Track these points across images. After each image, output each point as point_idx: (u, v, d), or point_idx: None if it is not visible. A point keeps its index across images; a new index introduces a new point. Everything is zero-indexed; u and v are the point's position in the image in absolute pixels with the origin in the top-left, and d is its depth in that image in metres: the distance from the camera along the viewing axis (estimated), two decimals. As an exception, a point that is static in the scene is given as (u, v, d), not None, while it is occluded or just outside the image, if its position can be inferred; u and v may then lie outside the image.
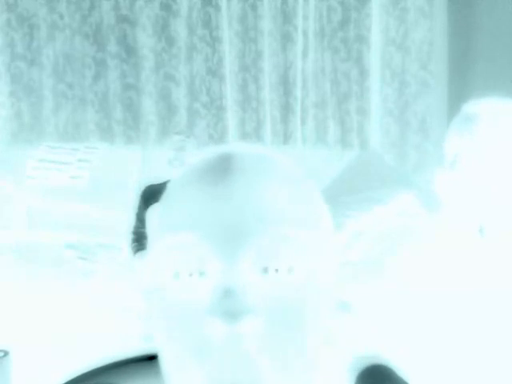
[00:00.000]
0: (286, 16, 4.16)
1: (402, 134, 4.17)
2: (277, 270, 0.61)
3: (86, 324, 2.82)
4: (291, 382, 0.62)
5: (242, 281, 0.59)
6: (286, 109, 4.20)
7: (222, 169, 0.64)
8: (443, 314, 1.49)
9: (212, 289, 0.59)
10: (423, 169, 3.95)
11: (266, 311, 0.60)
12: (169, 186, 0.70)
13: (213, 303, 0.58)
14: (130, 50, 4.22)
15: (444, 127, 4.09)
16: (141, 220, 2.99)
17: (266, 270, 0.61)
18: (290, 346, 0.61)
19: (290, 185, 0.65)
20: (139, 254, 2.94)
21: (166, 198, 0.69)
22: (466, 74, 3.96)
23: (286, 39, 4.17)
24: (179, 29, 4.19)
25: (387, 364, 0.81)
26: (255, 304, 0.59)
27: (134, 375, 0.80)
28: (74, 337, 2.75)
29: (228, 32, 4.17)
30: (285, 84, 4.19)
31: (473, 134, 1.48)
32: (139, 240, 2.97)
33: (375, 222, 3.30)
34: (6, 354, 2.33)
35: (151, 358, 0.69)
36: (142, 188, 3.06)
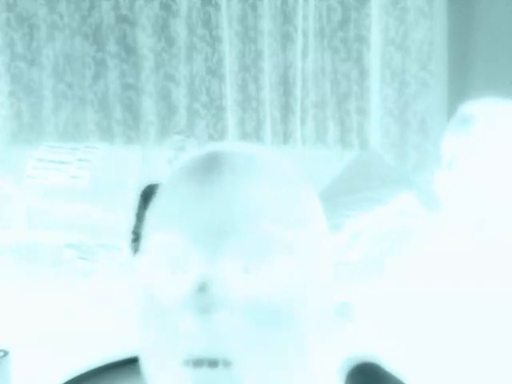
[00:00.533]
0: (285, 16, 4.16)
1: (402, 134, 4.16)
2: (259, 269, 0.61)
3: (86, 324, 2.82)
4: (278, 382, 0.61)
5: (221, 277, 0.60)
6: (286, 109, 4.19)
7: (209, 168, 0.64)
8: (443, 314, 1.49)
9: (189, 285, 0.60)
10: (423, 169, 3.95)
11: (248, 309, 0.60)
12: (161, 185, 0.71)
13: (187, 296, 0.59)
14: (129, 50, 4.22)
15: (444, 127, 4.09)
16: (141, 220, 2.98)
17: (247, 268, 0.61)
18: (276, 345, 0.61)
19: (279, 185, 0.65)
20: (139, 253, 2.94)
21: (157, 197, 0.70)
22: (466, 74, 3.96)
23: (286, 39, 4.17)
24: (179, 29, 4.19)
25: (378, 361, 0.81)
26: (233, 300, 0.59)
27: (128, 377, 0.80)
28: (74, 337, 2.75)
29: (228, 32, 4.17)
30: (285, 84, 4.19)
31: (469, 135, 1.49)
32: (139, 240, 2.97)
33: (375, 222, 3.30)
34: (5, 354, 2.33)
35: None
36: (142, 188, 3.06)
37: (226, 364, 0.59)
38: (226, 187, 0.63)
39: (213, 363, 0.59)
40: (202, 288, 0.59)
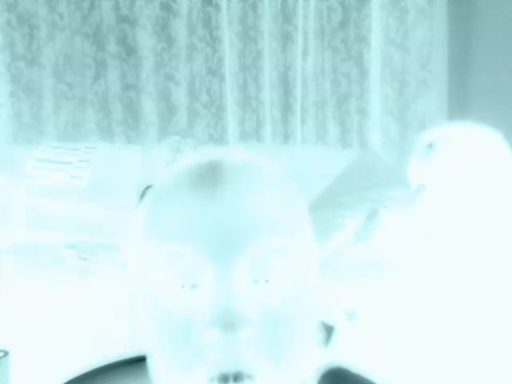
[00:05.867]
0: (285, 16, 4.16)
1: (402, 134, 4.16)
2: (267, 280, 0.63)
3: (86, 324, 2.82)
4: (283, 378, 0.64)
5: (237, 292, 0.61)
6: (286, 109, 4.19)
7: (211, 179, 0.65)
8: (443, 314, 1.49)
9: (209, 301, 0.61)
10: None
11: (263, 322, 0.62)
12: (154, 190, 0.71)
13: (213, 316, 0.60)
14: (130, 50, 4.22)
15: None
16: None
17: (257, 279, 0.63)
18: (282, 349, 0.63)
19: (276, 192, 0.67)
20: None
21: (152, 203, 0.70)
22: (466, 74, 3.96)
23: (286, 39, 4.16)
24: (179, 29, 4.18)
25: (347, 367, 0.83)
26: (249, 313, 0.61)
27: (129, 377, 0.80)
28: (74, 337, 2.75)
29: (228, 32, 4.17)
30: (285, 84, 4.19)
31: (431, 161, 1.58)
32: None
33: (375, 222, 3.30)
34: (5, 354, 2.33)
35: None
36: (142, 188, 3.06)
37: (250, 377, 0.61)
38: (229, 199, 0.63)
39: (238, 377, 0.61)
40: (226, 307, 0.60)
